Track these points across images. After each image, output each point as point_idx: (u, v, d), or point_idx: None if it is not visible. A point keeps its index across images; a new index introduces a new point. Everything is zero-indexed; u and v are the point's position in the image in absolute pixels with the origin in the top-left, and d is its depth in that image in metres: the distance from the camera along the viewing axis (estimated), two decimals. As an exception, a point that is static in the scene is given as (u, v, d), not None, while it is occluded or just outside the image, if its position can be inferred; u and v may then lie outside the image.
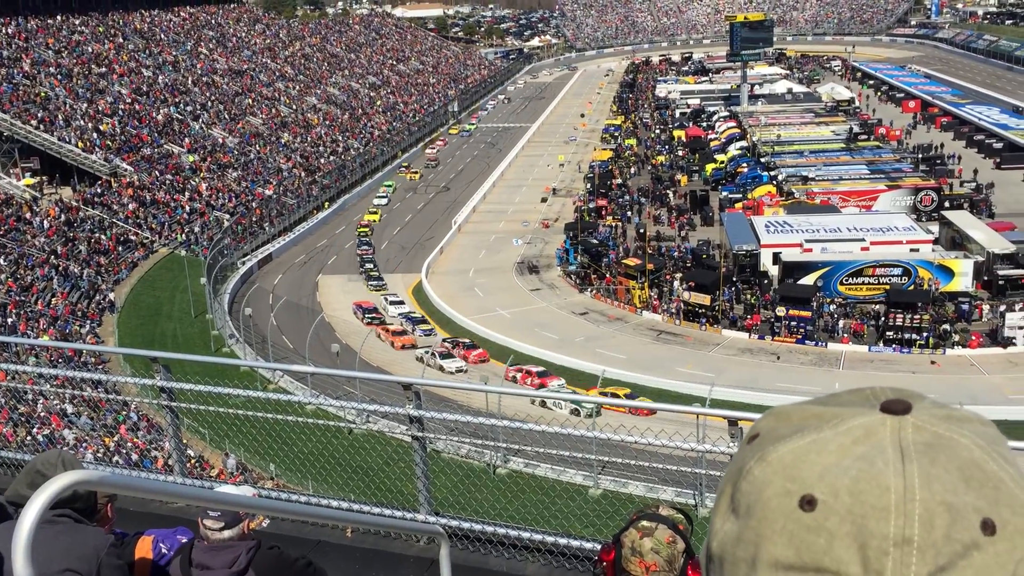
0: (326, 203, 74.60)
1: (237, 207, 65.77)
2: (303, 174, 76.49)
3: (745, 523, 0.76)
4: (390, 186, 79.76)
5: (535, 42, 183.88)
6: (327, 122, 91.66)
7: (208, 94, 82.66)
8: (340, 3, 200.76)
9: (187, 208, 62.66)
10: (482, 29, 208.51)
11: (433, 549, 5.62)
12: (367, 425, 29.53)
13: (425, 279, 57.55)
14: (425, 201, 77.55)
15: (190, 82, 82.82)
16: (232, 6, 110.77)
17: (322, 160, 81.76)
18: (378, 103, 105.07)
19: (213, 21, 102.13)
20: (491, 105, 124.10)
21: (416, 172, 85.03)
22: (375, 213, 72.57)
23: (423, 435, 6.43)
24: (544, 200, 73.70)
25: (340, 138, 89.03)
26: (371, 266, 60.45)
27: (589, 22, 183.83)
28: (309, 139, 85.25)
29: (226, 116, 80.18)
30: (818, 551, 0.71)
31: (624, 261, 53.18)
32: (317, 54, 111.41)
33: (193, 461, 28.61)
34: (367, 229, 68.33)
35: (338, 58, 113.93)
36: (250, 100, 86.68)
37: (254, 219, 65.79)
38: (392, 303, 52.99)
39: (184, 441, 8.52)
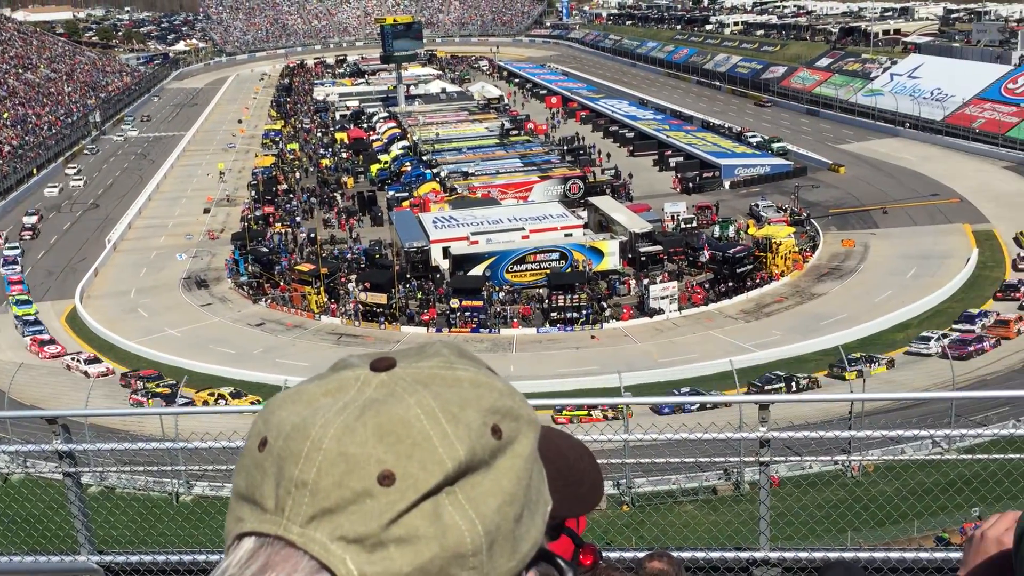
0: (-50, 230, 66.12)
1: None
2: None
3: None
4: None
5: (181, 46, 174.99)
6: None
7: None
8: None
9: None
10: (120, 33, 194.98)
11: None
12: (26, 470, 26.67)
13: (80, 304, 52.88)
14: (72, 220, 71.14)
15: None
16: None
17: (-59, 182, 72.29)
18: (5, 116, 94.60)
19: None
20: (130, 118, 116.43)
21: None
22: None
23: (76, 470, 5.99)
24: (207, 211, 70.46)
25: (-39, 156, 79.16)
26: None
27: (237, 25, 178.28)
28: (-78, 159, 74.98)
29: None
30: (255, 485, 0.81)
31: (297, 267, 52.37)
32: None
33: None
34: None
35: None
36: None
37: None
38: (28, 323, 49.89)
39: None
